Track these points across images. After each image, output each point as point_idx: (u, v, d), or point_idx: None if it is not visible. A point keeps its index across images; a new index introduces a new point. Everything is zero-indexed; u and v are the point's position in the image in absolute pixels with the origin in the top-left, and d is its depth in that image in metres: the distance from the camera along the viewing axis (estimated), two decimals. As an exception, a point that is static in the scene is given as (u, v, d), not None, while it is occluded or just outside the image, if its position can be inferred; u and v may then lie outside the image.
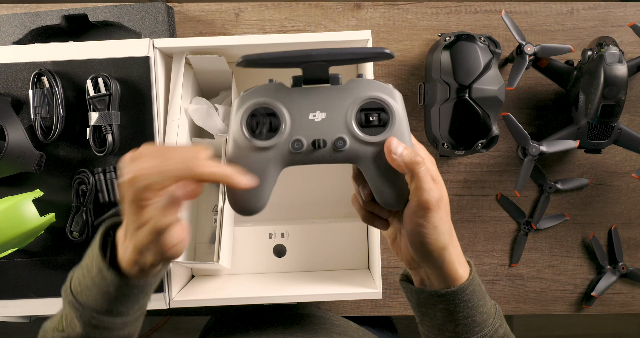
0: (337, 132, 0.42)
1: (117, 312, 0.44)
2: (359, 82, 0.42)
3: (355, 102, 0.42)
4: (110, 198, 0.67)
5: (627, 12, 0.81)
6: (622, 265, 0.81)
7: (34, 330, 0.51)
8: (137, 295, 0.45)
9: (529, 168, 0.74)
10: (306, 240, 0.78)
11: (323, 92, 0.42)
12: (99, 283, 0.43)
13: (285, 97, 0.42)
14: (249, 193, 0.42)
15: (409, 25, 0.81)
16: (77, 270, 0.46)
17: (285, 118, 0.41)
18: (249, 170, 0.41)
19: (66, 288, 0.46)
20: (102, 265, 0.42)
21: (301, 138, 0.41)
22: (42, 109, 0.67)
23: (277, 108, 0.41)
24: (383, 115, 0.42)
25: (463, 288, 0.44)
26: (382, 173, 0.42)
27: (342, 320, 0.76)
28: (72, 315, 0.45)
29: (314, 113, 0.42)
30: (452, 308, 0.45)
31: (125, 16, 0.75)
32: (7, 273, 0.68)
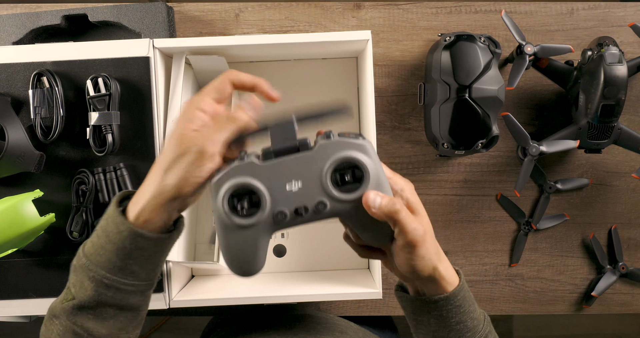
0: (316, 197, 0.43)
1: (130, 271, 0.46)
2: (328, 144, 0.43)
3: (328, 165, 0.43)
4: (110, 198, 0.67)
5: (627, 12, 0.81)
6: (622, 265, 0.81)
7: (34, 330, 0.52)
8: (149, 252, 0.46)
9: (529, 168, 0.74)
10: (306, 240, 0.78)
11: (295, 161, 0.43)
12: (114, 238, 0.45)
13: (259, 174, 0.43)
14: (246, 263, 0.45)
15: (409, 25, 0.81)
16: (91, 237, 0.48)
17: (264, 194, 0.43)
18: (239, 245, 0.44)
19: (78, 254, 0.48)
20: (118, 220, 0.45)
21: (283, 209, 0.43)
22: (42, 109, 0.67)
23: (254, 187, 0.43)
24: (357, 172, 0.43)
25: (454, 293, 0.48)
26: (365, 222, 0.45)
27: (343, 321, 0.76)
28: (84, 278, 0.46)
29: (290, 183, 0.43)
30: (445, 314, 0.48)
31: (125, 16, 0.75)
32: (7, 273, 0.68)
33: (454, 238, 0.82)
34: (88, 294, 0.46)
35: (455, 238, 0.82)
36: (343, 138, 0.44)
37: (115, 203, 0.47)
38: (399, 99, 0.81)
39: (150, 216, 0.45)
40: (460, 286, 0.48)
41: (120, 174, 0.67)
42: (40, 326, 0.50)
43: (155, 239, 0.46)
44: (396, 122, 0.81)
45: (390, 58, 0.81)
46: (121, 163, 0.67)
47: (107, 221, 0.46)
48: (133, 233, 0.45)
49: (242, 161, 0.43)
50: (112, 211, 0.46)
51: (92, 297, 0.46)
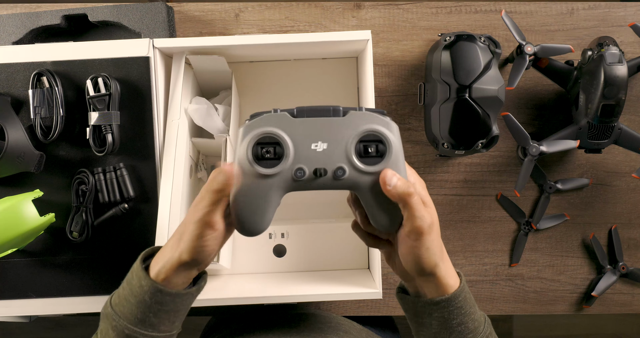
0: (337, 162, 0.44)
1: (149, 323, 0.49)
2: (359, 115, 0.45)
3: (355, 134, 0.44)
4: (110, 198, 0.67)
5: (627, 12, 0.81)
6: (622, 265, 0.81)
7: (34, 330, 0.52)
8: (168, 307, 0.49)
9: (529, 168, 0.74)
10: (306, 240, 0.78)
11: (325, 124, 0.44)
12: (136, 291, 0.48)
13: (289, 128, 0.44)
14: (253, 215, 0.45)
15: (409, 25, 0.81)
16: (119, 288, 0.51)
17: (289, 147, 0.44)
18: (253, 194, 0.45)
19: (106, 303, 0.51)
20: (141, 274, 0.48)
21: (303, 167, 0.44)
22: (42, 109, 0.67)
23: (281, 138, 0.44)
24: (381, 147, 0.45)
25: (456, 295, 0.48)
26: (378, 200, 0.46)
27: (346, 320, 0.76)
28: (109, 326, 0.50)
29: (316, 143, 0.44)
30: (447, 315, 0.48)
31: (125, 16, 0.75)
32: (7, 273, 0.68)
33: (454, 238, 0.82)
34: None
35: (455, 238, 0.82)
36: (374, 112, 0.45)
37: (140, 259, 0.50)
38: (399, 99, 0.81)
39: (168, 276, 0.47)
40: (461, 288, 0.49)
41: (120, 174, 0.67)
42: (39, 326, 0.50)
43: (174, 295, 0.48)
44: (396, 122, 0.81)
45: (390, 58, 0.81)
46: (121, 163, 0.67)
47: (132, 274, 0.50)
48: (153, 288, 0.47)
49: (275, 112, 0.44)
50: (137, 266, 0.49)
51: None
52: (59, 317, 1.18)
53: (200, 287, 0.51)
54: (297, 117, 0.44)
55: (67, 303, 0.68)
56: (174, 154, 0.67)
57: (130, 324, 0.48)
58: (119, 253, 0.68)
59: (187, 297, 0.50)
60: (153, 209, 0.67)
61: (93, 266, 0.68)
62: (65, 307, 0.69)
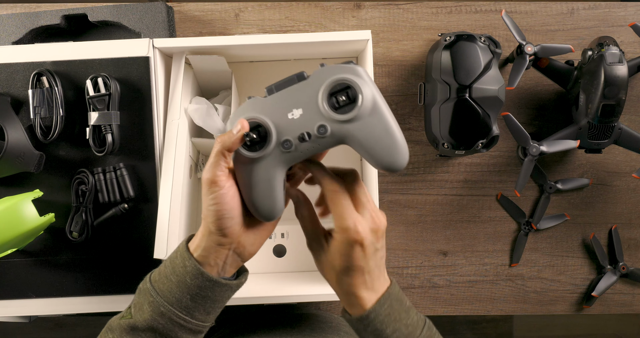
0: (316, 121, 0.46)
1: (185, 305, 0.49)
2: (321, 71, 0.46)
3: (323, 90, 0.45)
4: (110, 198, 0.67)
5: (627, 12, 0.81)
6: (622, 265, 0.81)
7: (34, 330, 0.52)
8: (205, 292, 0.49)
9: (529, 168, 0.74)
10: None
11: (294, 92, 0.46)
12: (179, 271, 0.49)
13: (264, 108, 0.46)
14: (263, 199, 0.48)
15: (409, 25, 0.81)
16: (160, 265, 0.52)
17: (269, 125, 0.46)
18: (255, 179, 0.47)
19: (145, 279, 0.51)
20: (185, 255, 0.49)
21: (288, 138, 0.46)
22: (42, 109, 0.66)
23: (260, 119, 0.46)
24: (351, 92, 0.45)
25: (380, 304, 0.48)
26: (371, 140, 0.46)
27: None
28: (145, 301, 0.50)
29: (291, 112, 0.46)
30: (378, 326, 0.48)
31: (125, 16, 0.75)
32: (7, 273, 0.68)
33: (454, 238, 0.82)
34: (144, 317, 0.49)
35: (455, 238, 0.82)
36: (335, 64, 0.46)
37: (185, 240, 0.51)
38: (399, 99, 0.81)
39: (199, 246, 0.49)
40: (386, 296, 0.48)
41: (120, 174, 0.67)
42: (39, 326, 0.51)
43: (214, 281, 0.49)
44: (397, 122, 0.81)
45: (390, 58, 0.81)
46: (121, 163, 0.67)
47: (176, 253, 0.51)
48: (196, 270, 0.48)
49: (249, 99, 0.46)
50: (182, 246, 0.50)
51: (146, 321, 0.49)
52: (58, 317, 1.18)
53: (241, 283, 0.52)
54: (268, 95, 0.46)
55: (67, 303, 0.68)
56: (174, 154, 0.67)
57: (167, 302, 0.49)
58: (119, 253, 0.68)
59: (226, 288, 0.50)
60: (153, 209, 0.67)
61: (93, 266, 0.68)
62: (65, 307, 0.69)
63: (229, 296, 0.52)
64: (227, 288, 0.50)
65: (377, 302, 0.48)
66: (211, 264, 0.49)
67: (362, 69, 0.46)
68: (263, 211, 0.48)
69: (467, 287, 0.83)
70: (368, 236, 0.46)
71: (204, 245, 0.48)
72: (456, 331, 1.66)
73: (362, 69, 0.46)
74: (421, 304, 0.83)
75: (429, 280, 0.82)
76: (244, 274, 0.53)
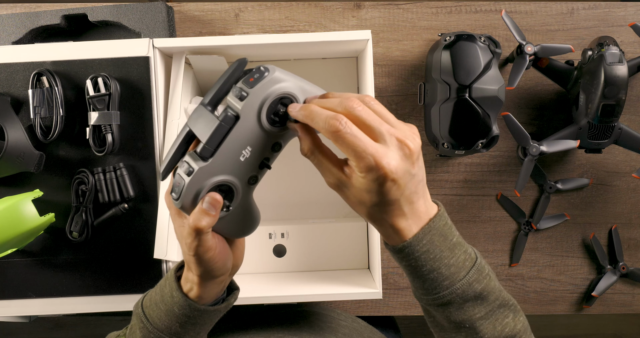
0: (268, 145, 0.44)
1: (174, 332, 0.49)
2: (247, 104, 0.42)
3: (263, 121, 0.43)
4: (110, 198, 0.67)
5: (627, 12, 0.81)
6: (622, 265, 0.80)
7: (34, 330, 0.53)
8: (194, 320, 0.49)
9: (529, 167, 0.74)
10: (306, 240, 0.78)
11: (233, 139, 0.43)
12: (167, 301, 0.49)
13: (214, 170, 0.43)
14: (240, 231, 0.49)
15: (409, 25, 0.81)
16: (152, 289, 0.52)
17: (231, 180, 0.44)
18: (233, 220, 0.47)
19: (138, 303, 0.52)
20: (174, 285, 0.49)
21: (251, 174, 0.45)
22: (42, 109, 0.66)
23: (218, 182, 0.44)
24: (280, 106, 0.43)
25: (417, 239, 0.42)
26: None
27: (349, 319, 0.75)
28: (136, 325, 0.51)
29: (242, 155, 0.44)
30: (413, 263, 0.43)
31: (125, 16, 0.75)
32: (7, 273, 0.68)
33: (454, 238, 0.82)
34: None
35: (456, 238, 0.82)
36: (253, 86, 0.42)
37: (174, 268, 0.51)
38: (399, 99, 0.81)
39: (198, 292, 0.48)
40: (425, 230, 0.42)
41: (120, 174, 0.67)
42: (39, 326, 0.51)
43: (202, 311, 0.49)
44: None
45: (390, 58, 0.81)
46: (121, 163, 0.67)
47: (165, 282, 0.51)
48: (183, 301, 0.48)
49: (190, 174, 0.43)
50: (171, 276, 0.50)
51: None
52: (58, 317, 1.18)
53: (230, 304, 0.52)
54: (209, 157, 0.43)
55: (67, 303, 0.68)
56: (174, 154, 0.67)
57: (157, 329, 0.49)
58: (119, 253, 0.68)
59: (215, 313, 0.50)
60: (153, 209, 0.67)
61: (93, 266, 0.68)
62: (65, 307, 0.69)
63: (219, 317, 0.52)
64: (216, 313, 0.51)
65: (415, 237, 0.42)
66: (212, 297, 0.50)
67: (278, 71, 0.43)
68: (245, 233, 0.49)
69: (467, 287, 0.83)
70: (400, 168, 0.39)
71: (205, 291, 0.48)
72: (456, 331, 1.66)
73: (278, 71, 0.43)
74: (421, 304, 0.83)
75: (429, 280, 0.82)
76: (234, 293, 0.53)
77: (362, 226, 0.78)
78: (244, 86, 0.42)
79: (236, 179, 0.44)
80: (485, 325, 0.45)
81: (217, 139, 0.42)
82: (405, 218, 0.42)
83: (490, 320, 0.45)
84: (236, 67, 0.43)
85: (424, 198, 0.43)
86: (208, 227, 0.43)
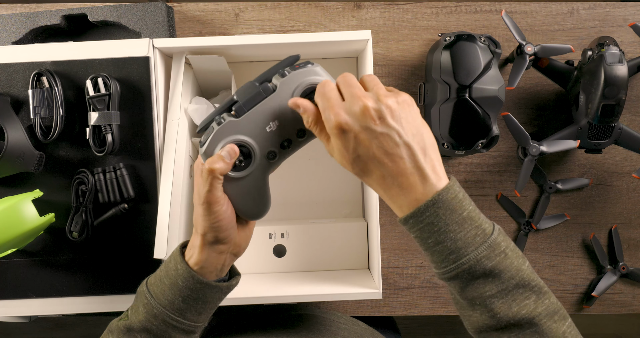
0: (293, 128, 0.49)
1: (177, 307, 0.50)
2: (286, 81, 0.48)
3: (289, 97, 0.48)
4: (110, 198, 0.67)
5: (627, 12, 0.81)
6: (622, 265, 0.81)
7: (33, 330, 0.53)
8: (197, 294, 0.50)
9: (529, 168, 0.74)
10: (306, 240, 0.78)
11: (264, 106, 0.48)
12: (171, 274, 0.50)
13: (241, 128, 0.48)
14: (250, 207, 0.51)
15: (409, 25, 0.81)
16: (158, 269, 0.54)
17: (251, 143, 0.48)
18: (245, 191, 0.50)
19: (143, 282, 0.53)
20: (178, 258, 0.51)
21: (271, 149, 0.49)
22: (42, 109, 0.66)
23: (241, 141, 0.48)
24: None
25: (419, 211, 0.43)
26: None
27: (349, 322, 0.75)
28: (140, 303, 0.52)
29: (268, 126, 0.48)
30: (418, 234, 0.44)
31: (125, 16, 0.75)
32: (7, 273, 0.68)
33: (454, 238, 0.82)
34: (139, 319, 0.51)
35: (456, 238, 0.82)
36: (295, 70, 0.48)
37: (180, 245, 0.53)
38: (399, 99, 0.81)
39: (200, 259, 0.50)
40: (430, 202, 0.42)
41: (120, 174, 0.67)
42: (39, 326, 0.51)
43: (205, 283, 0.50)
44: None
45: (390, 58, 0.81)
46: (121, 163, 0.67)
47: (170, 258, 0.52)
48: (187, 273, 0.50)
49: (220, 124, 0.48)
50: (176, 251, 0.52)
51: (141, 322, 0.51)
52: (58, 317, 1.18)
53: (232, 285, 0.53)
54: (240, 115, 0.48)
55: (67, 303, 0.68)
56: (174, 154, 0.67)
57: (160, 305, 0.50)
58: (119, 253, 0.68)
59: (216, 290, 0.51)
60: (153, 209, 0.67)
61: (93, 266, 0.68)
62: (65, 307, 0.69)
63: (221, 298, 0.53)
64: (218, 289, 0.52)
65: (417, 209, 0.43)
66: (211, 270, 0.51)
67: (320, 68, 0.48)
68: (254, 214, 0.52)
69: (467, 287, 0.83)
70: (350, 120, 0.43)
71: (205, 257, 0.50)
72: (456, 331, 1.66)
73: (320, 68, 0.48)
74: (421, 304, 0.83)
75: (429, 280, 0.82)
76: (236, 277, 0.55)
77: (362, 226, 0.78)
78: (288, 69, 0.48)
79: (257, 146, 0.48)
80: (498, 304, 0.44)
81: (252, 101, 0.48)
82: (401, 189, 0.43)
83: (505, 299, 0.44)
84: (288, 57, 0.49)
85: (422, 170, 0.43)
86: (220, 171, 0.47)
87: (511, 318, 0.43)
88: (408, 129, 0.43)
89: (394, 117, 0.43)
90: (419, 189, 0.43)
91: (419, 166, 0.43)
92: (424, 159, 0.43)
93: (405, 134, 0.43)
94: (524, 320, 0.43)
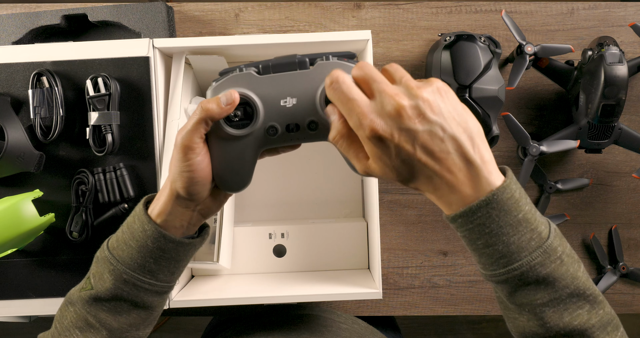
0: (308, 116, 0.44)
1: (148, 269, 0.47)
2: (326, 64, 0.44)
3: (324, 88, 0.43)
4: (110, 198, 0.67)
5: (627, 12, 0.81)
6: (622, 265, 0.80)
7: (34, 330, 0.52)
8: (169, 254, 0.47)
9: (529, 168, 0.74)
10: (306, 240, 0.78)
11: (292, 78, 0.44)
12: (138, 236, 0.47)
13: (257, 86, 0.44)
14: (232, 174, 0.46)
15: (409, 25, 0.81)
16: (117, 232, 0.50)
17: (259, 107, 0.44)
18: (228, 154, 0.45)
19: (102, 247, 0.49)
20: (144, 218, 0.47)
21: (275, 124, 0.44)
22: (42, 109, 0.66)
23: (250, 98, 0.44)
24: None
25: (469, 211, 0.39)
26: None
27: (349, 321, 0.75)
28: (104, 270, 0.48)
29: (285, 100, 0.44)
30: (467, 234, 0.41)
31: (125, 16, 0.75)
32: (7, 273, 0.68)
33: (455, 238, 0.82)
34: (106, 286, 0.48)
35: (456, 238, 0.82)
36: (341, 60, 0.43)
37: (142, 203, 0.48)
38: (399, 99, 0.81)
39: (165, 214, 0.46)
40: (482, 202, 0.39)
41: (120, 174, 0.67)
42: (39, 326, 0.50)
43: (177, 242, 0.47)
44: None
45: (390, 58, 0.81)
46: (121, 163, 0.67)
47: (133, 218, 0.48)
48: (157, 233, 0.46)
49: (241, 71, 0.44)
50: (139, 210, 0.48)
51: (109, 290, 0.47)
52: (59, 317, 1.17)
53: (203, 239, 0.50)
54: (263, 74, 0.44)
55: (67, 303, 0.68)
56: (174, 154, 0.67)
57: (129, 269, 0.47)
58: (119, 253, 0.68)
59: (189, 246, 0.49)
60: (153, 210, 0.67)
61: (93, 266, 0.68)
62: (65, 307, 0.69)
63: (193, 253, 0.50)
64: (191, 246, 0.49)
65: (468, 208, 0.39)
66: (176, 226, 0.47)
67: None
68: (229, 186, 0.47)
69: (467, 287, 0.83)
70: (382, 123, 0.38)
71: (170, 209, 0.46)
72: (456, 331, 1.66)
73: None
74: (421, 304, 0.83)
75: (429, 280, 0.82)
76: (206, 230, 0.51)
77: (362, 226, 0.78)
78: (332, 56, 0.44)
79: (263, 112, 0.44)
80: (549, 314, 0.41)
81: (281, 67, 0.43)
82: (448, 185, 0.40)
83: (556, 308, 0.41)
84: (346, 51, 0.45)
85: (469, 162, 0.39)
86: (212, 113, 0.43)
87: (562, 328, 0.41)
88: (451, 119, 0.39)
89: (434, 111, 0.38)
90: (470, 186, 0.39)
91: (468, 158, 0.39)
92: (472, 151, 0.39)
93: (449, 126, 0.38)
94: (576, 331, 0.41)
